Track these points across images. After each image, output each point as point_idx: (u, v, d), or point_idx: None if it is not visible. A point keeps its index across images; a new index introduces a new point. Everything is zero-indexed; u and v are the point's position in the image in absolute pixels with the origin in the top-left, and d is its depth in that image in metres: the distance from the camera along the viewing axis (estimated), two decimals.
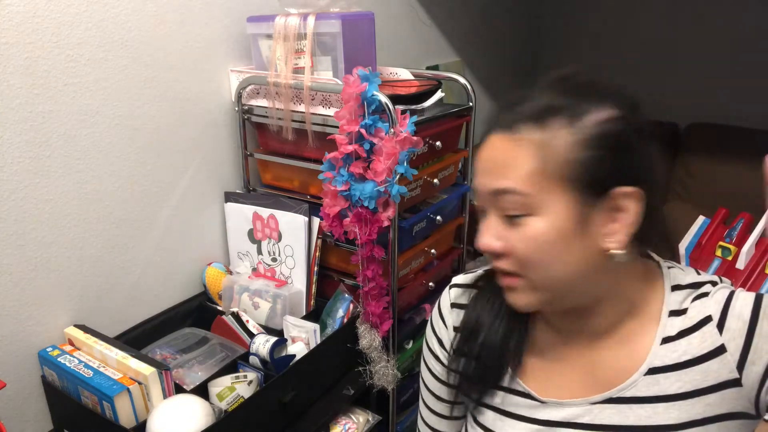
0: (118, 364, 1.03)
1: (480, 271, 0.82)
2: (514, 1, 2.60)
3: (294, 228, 1.30)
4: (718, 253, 1.71)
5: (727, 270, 1.66)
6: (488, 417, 0.77)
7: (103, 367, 1.04)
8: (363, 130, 1.11)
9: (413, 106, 1.28)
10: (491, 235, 0.67)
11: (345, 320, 1.29)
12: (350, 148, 1.12)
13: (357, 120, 1.12)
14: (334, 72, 1.22)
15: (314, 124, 1.24)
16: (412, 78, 1.40)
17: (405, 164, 1.12)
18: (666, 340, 0.67)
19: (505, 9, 2.54)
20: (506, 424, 0.75)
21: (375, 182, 1.13)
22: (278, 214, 1.32)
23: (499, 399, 0.76)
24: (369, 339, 1.27)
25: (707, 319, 0.65)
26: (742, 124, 2.27)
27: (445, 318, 0.83)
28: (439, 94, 1.34)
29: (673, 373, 0.66)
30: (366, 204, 1.14)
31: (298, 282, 1.34)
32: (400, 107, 1.15)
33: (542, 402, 0.73)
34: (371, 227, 1.16)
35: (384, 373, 1.29)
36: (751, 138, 2.33)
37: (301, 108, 1.24)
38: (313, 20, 1.18)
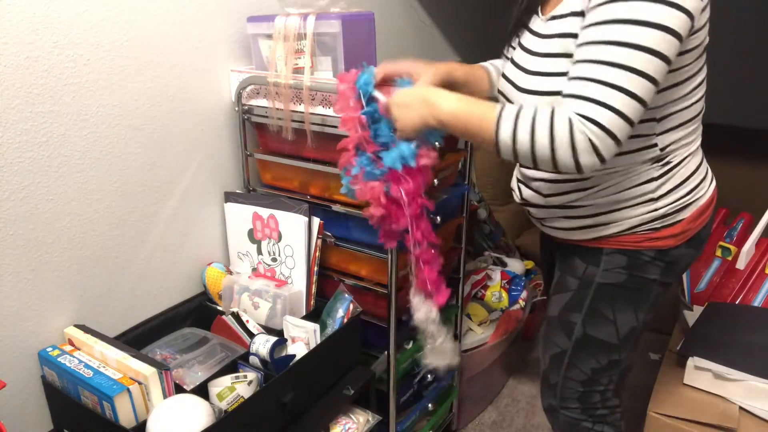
0: (118, 364, 1.03)
1: None
2: (514, 1, 2.60)
3: (294, 228, 1.30)
4: (718, 253, 1.71)
5: (727, 270, 1.66)
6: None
7: (103, 367, 1.04)
8: (365, 118, 1.08)
9: None
10: None
11: (345, 320, 1.29)
12: (356, 136, 1.07)
13: (356, 109, 1.09)
14: (334, 72, 1.22)
15: (314, 124, 1.24)
16: None
17: None
18: None
19: (506, 8, 2.54)
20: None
21: (405, 142, 1.05)
22: (278, 214, 1.32)
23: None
24: (425, 311, 1.15)
25: None
26: (742, 124, 2.27)
27: None
28: None
29: None
30: (410, 163, 1.06)
31: (298, 282, 1.34)
32: None
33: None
34: (414, 181, 1.08)
35: (442, 349, 1.19)
36: (752, 138, 2.33)
37: (301, 108, 1.24)
38: (313, 20, 1.18)
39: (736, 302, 1.58)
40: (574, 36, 0.90)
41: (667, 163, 0.99)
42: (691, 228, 1.05)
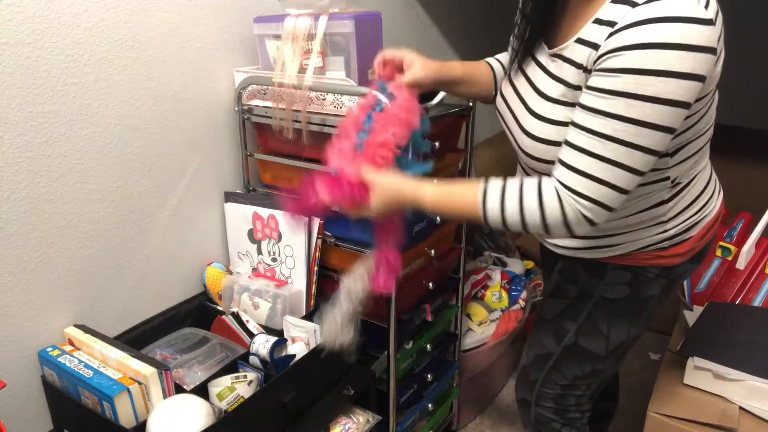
0: (118, 364, 1.03)
1: None
2: (514, 1, 2.60)
3: (294, 228, 1.30)
4: (718, 253, 1.71)
5: (727, 270, 1.66)
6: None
7: (103, 367, 1.04)
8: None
9: (423, 105, 1.28)
10: None
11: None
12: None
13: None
14: (346, 72, 1.21)
15: (314, 124, 1.24)
16: None
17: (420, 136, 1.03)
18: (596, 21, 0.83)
19: (505, 9, 2.54)
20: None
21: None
22: (278, 214, 1.32)
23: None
24: (356, 282, 1.09)
25: (614, 24, 0.79)
26: (742, 124, 2.27)
27: None
28: (442, 93, 1.34)
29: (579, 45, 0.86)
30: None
31: (298, 282, 1.34)
32: None
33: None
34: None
35: (343, 324, 1.11)
36: (752, 138, 2.33)
37: (309, 108, 1.24)
38: (325, 21, 1.18)
39: (736, 302, 1.58)
40: (574, 87, 0.87)
41: (677, 184, 0.97)
42: (697, 246, 1.04)
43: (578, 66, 0.86)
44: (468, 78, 1.15)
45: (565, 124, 0.89)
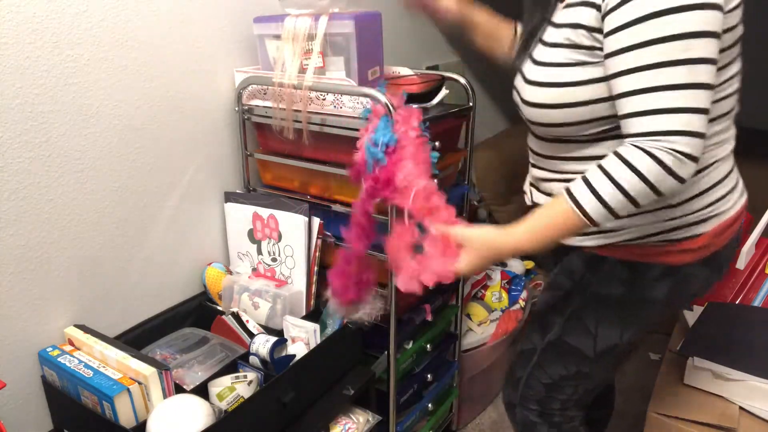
0: (118, 364, 1.03)
1: None
2: (514, 1, 2.60)
3: (294, 228, 1.30)
4: None
5: (727, 270, 1.66)
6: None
7: (103, 367, 1.04)
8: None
9: (423, 105, 1.28)
10: None
11: (345, 320, 1.29)
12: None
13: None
14: (347, 72, 1.21)
15: (314, 124, 1.24)
16: (412, 74, 1.41)
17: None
18: None
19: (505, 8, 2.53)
20: None
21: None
22: (278, 214, 1.32)
23: None
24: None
25: None
26: (742, 124, 2.27)
27: None
28: (444, 92, 1.34)
29: None
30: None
31: (298, 282, 1.34)
32: (414, 105, 1.15)
33: None
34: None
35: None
36: (752, 138, 2.32)
37: (310, 108, 1.24)
38: (325, 21, 1.18)
39: (736, 302, 1.58)
40: (587, 28, 0.84)
41: None
42: (712, 244, 0.94)
43: (592, 5, 0.83)
44: (487, 29, 1.19)
45: (563, 64, 0.87)
